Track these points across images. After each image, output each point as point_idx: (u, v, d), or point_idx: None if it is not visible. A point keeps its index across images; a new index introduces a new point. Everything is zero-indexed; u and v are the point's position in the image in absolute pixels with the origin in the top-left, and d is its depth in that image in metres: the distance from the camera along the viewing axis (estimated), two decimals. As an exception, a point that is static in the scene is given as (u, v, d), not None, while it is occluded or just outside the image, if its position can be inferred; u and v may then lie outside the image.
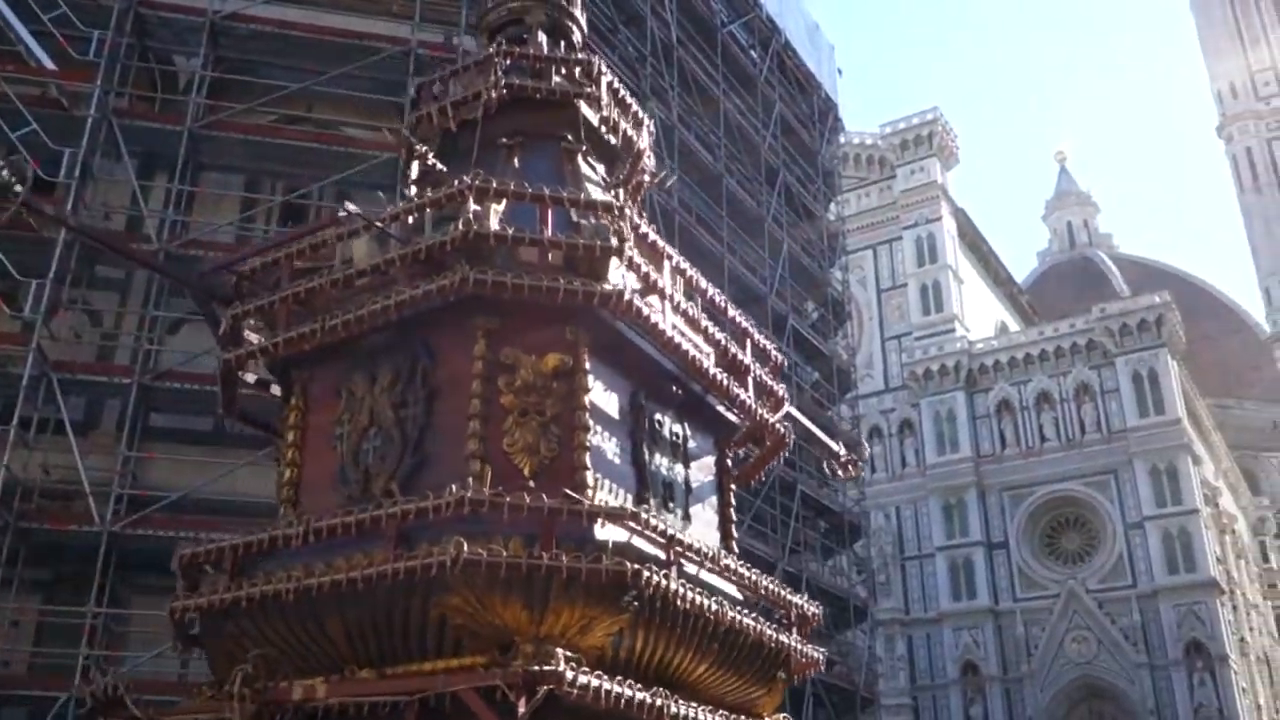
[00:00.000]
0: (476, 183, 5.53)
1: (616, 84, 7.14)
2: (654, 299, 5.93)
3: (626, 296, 5.58)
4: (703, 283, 6.48)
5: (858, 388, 43.53)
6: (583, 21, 7.77)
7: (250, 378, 6.58)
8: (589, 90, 6.90)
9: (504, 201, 5.89)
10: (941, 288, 56.90)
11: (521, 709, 4.42)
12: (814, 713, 28.78)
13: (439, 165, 7.09)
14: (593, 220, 5.81)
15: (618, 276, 5.79)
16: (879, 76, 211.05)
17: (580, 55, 7.07)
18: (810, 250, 37.07)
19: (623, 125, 7.16)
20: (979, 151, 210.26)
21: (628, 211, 5.72)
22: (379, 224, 5.64)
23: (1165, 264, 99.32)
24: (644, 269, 5.92)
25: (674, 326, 5.99)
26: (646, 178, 7.38)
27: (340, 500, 5.68)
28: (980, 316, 59.68)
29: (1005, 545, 51.63)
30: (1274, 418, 75.89)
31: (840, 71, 42.72)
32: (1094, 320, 52.75)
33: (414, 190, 7.29)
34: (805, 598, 6.60)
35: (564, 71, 6.99)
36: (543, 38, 7.36)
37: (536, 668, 4.56)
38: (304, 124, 20.96)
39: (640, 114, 7.35)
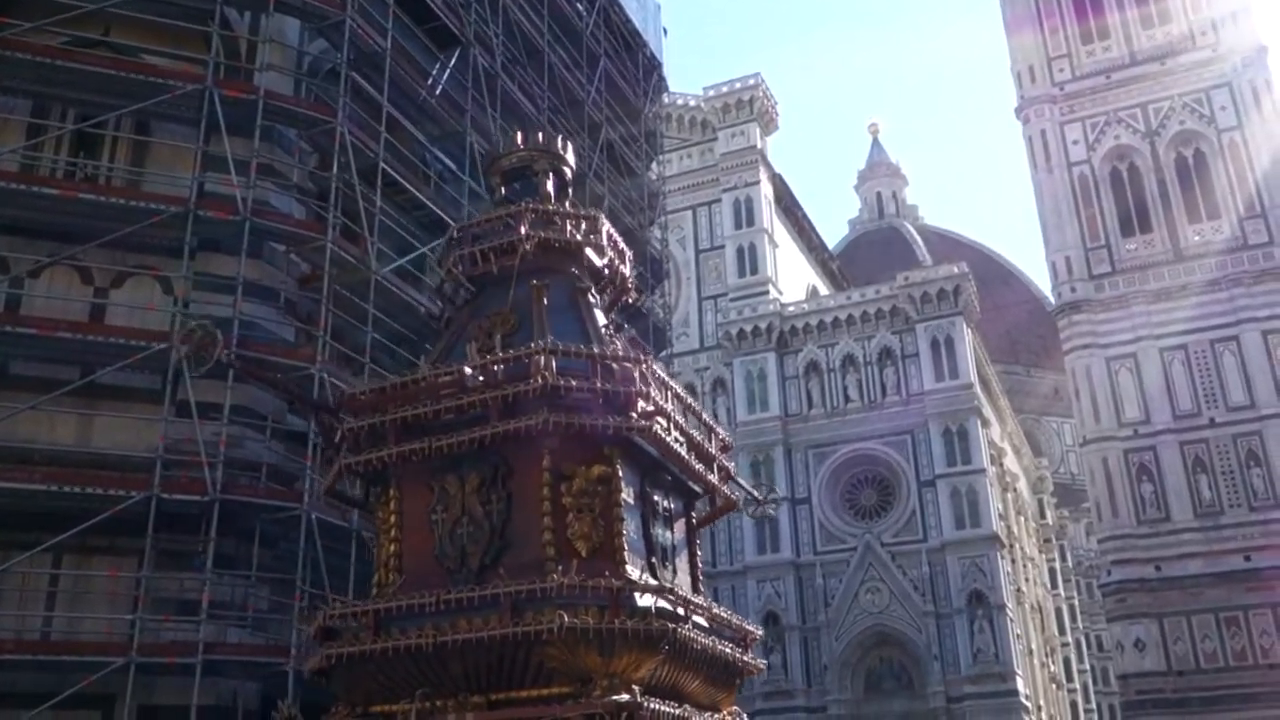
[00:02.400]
0: (548, 345, 8.09)
1: (611, 230, 9.73)
2: (661, 419, 8.64)
3: (651, 427, 8.28)
4: (688, 397, 9.23)
5: (673, 346, 46.56)
6: (572, 162, 10.30)
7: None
8: (595, 240, 9.47)
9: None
10: (757, 251, 60.79)
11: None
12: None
13: (470, 288, 9.54)
14: (620, 367, 8.47)
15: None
16: (703, 39, 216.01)
17: (587, 211, 9.63)
18: (631, 208, 37.68)
19: (616, 262, 9.77)
20: (798, 120, 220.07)
21: (653, 365, 8.40)
22: (470, 372, 8.10)
23: (965, 236, 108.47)
24: (655, 398, 8.61)
25: (675, 439, 8.73)
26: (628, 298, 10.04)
27: (441, 571, 8.21)
28: (793, 280, 64.12)
29: (808, 501, 55.88)
30: (1055, 384, 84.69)
31: (665, 31, 44.39)
32: (898, 288, 57.54)
33: (443, 305, 9.76)
34: (751, 623, 9.54)
35: (575, 222, 9.53)
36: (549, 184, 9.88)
37: (621, 697, 7.29)
38: (100, 48, 20.21)
39: (625, 250, 9.97)
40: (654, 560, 8.67)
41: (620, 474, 8.29)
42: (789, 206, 65.97)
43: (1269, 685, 45.73)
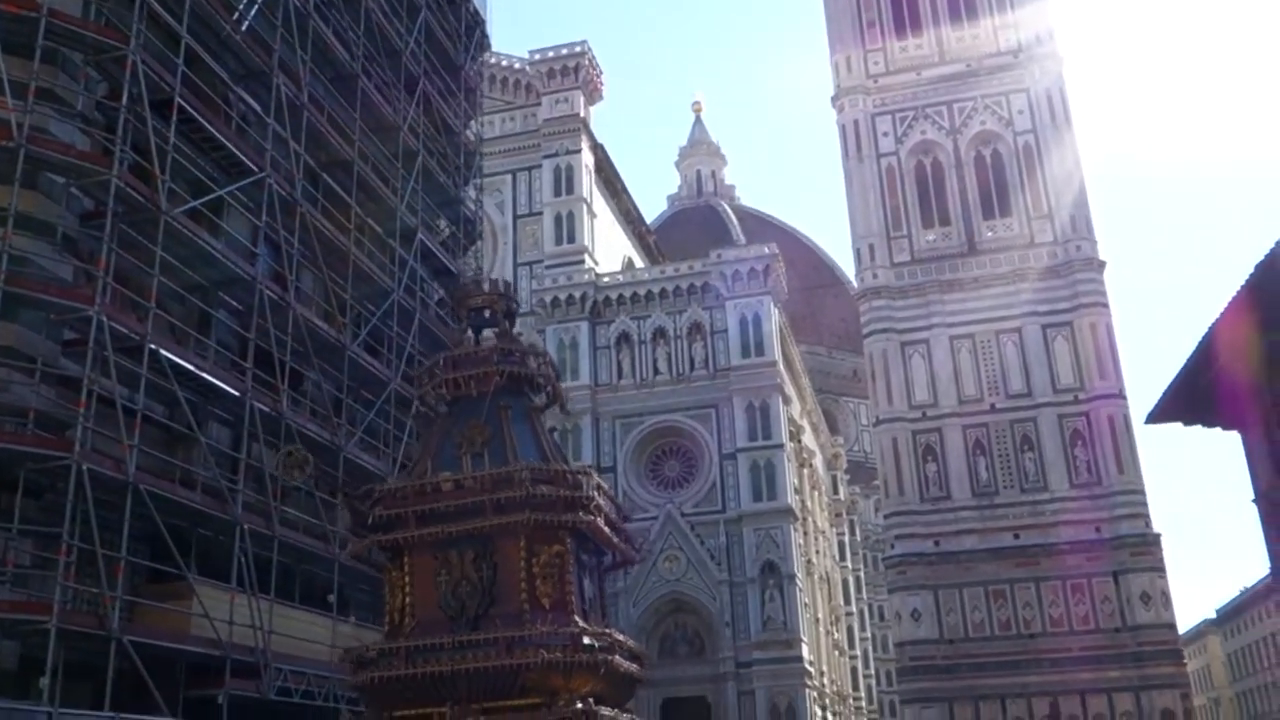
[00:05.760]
0: (531, 466, 12.70)
1: (551, 358, 14.34)
2: (598, 513, 13.38)
3: (595, 520, 13.02)
4: (608, 489, 14.00)
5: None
6: (519, 302, 14.84)
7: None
8: (542, 369, 14.08)
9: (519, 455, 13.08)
10: (575, 219, 65.48)
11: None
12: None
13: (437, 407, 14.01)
14: (573, 477, 13.15)
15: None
16: (530, 2, 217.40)
17: (535, 347, 14.23)
18: (446, 166, 39.46)
19: (554, 381, 14.41)
20: (623, 92, 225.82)
21: (592, 474, 13.11)
22: (474, 481, 12.62)
23: (778, 219, 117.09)
24: (595, 498, 13.34)
25: (604, 524, 13.50)
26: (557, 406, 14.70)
27: (445, 618, 12.74)
28: (609, 251, 69.11)
29: (614, 470, 60.71)
30: (854, 366, 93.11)
31: (491, -13, 47.44)
32: (710, 264, 63.18)
33: (425, 408, 14.18)
34: (643, 647, 14.46)
35: (528, 356, 14.10)
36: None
37: (579, 706, 12.05)
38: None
39: (556, 368, 14.60)
40: (586, 607, 13.44)
41: (570, 549, 13.01)
42: (609, 177, 70.68)
43: (1029, 654, 53.79)
